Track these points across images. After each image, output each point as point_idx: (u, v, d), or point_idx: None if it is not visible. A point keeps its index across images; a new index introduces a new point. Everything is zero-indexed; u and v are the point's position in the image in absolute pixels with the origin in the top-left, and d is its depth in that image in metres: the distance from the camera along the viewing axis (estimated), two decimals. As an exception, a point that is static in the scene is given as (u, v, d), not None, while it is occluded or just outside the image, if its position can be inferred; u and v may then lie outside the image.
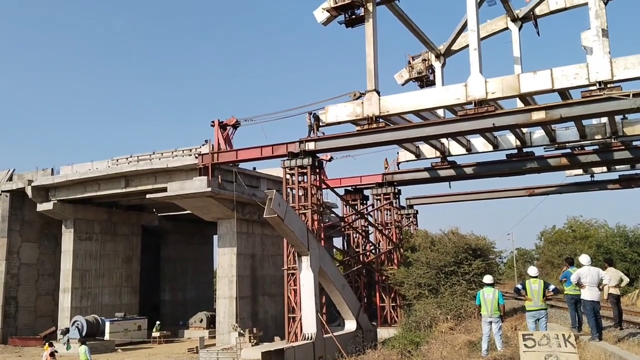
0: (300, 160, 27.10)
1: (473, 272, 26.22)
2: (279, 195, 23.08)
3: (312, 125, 27.51)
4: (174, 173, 34.53)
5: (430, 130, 25.19)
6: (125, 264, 43.96)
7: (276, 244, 37.08)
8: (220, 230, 35.51)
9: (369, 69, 25.16)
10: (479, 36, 23.47)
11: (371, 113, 24.67)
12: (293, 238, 24.18)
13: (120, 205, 43.44)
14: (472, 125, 23.75)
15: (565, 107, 22.31)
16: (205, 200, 32.50)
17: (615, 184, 37.66)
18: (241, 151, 30.58)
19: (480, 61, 22.92)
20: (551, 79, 21.49)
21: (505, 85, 22.26)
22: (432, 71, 33.00)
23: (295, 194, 27.32)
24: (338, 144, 27.18)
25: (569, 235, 57.16)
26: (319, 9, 26.20)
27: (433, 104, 24.15)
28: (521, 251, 74.93)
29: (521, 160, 32.18)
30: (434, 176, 34.66)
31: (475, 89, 22.60)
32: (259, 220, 33.21)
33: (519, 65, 29.44)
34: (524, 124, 23.81)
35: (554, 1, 30.02)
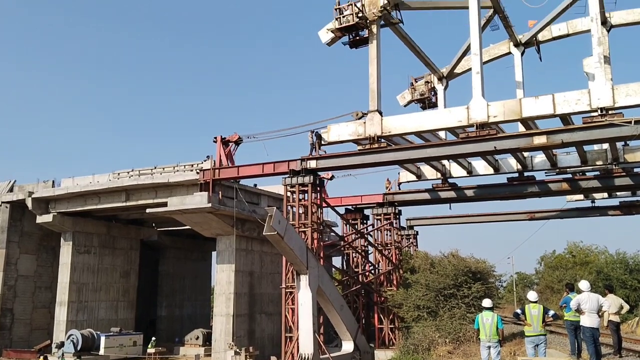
0: (302, 178, 27.16)
1: (472, 296, 26.11)
2: (279, 213, 23.07)
3: (314, 144, 27.64)
4: (174, 188, 34.52)
5: (431, 152, 25.27)
6: (123, 278, 43.73)
7: (275, 262, 36.93)
8: (219, 247, 35.39)
9: (371, 90, 25.33)
10: (482, 60, 23.65)
11: (373, 133, 24.78)
12: (292, 256, 24.11)
13: (120, 219, 43.36)
14: (474, 148, 23.84)
15: (567, 132, 22.41)
16: (205, 216, 32.45)
17: (616, 210, 37.64)
18: (243, 167, 30.62)
19: (483, 84, 23.07)
20: (553, 104, 21.62)
21: (507, 109, 22.39)
22: (435, 93, 33.23)
23: (296, 211, 27.32)
24: (339, 163, 27.25)
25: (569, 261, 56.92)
26: (324, 29, 26.47)
27: (435, 125, 24.26)
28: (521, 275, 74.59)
29: (522, 184, 32.21)
30: (435, 197, 34.66)
31: (477, 112, 22.72)
32: (259, 237, 33.11)
33: (521, 90, 29.63)
34: (525, 148, 23.90)
35: (557, 27, 30.35)
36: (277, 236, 22.61)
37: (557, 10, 27.89)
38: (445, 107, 31.29)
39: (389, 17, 25.91)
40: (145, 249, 48.10)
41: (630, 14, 28.49)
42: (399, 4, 26.01)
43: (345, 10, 25.51)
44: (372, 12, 25.45)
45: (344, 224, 37.21)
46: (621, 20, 28.31)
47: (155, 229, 46.94)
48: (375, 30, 25.57)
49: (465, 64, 31.44)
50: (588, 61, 25.82)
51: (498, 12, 27.45)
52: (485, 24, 27.89)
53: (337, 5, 25.64)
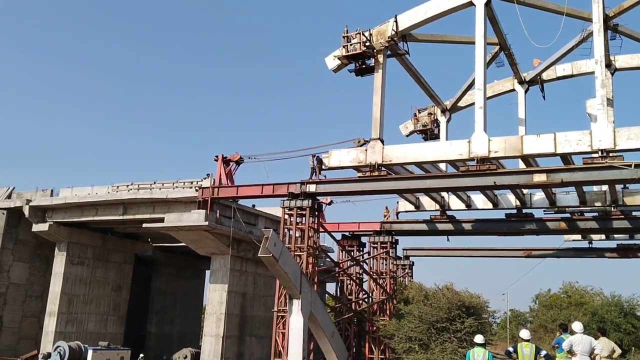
0: (300, 201, 27.14)
1: (465, 330, 25.88)
2: (275, 235, 23.00)
3: (315, 168, 27.69)
4: (172, 204, 34.50)
5: (431, 183, 25.31)
6: (115, 292, 43.40)
7: (268, 285, 36.70)
8: (213, 266, 35.22)
9: (374, 118, 25.49)
10: (485, 95, 23.86)
11: (374, 161, 24.86)
12: (286, 280, 23.96)
13: (115, 232, 43.21)
14: (473, 182, 23.88)
15: (567, 171, 22.48)
16: (201, 234, 32.38)
17: (613, 253, 37.51)
18: (242, 188, 30.63)
19: (485, 119, 23.23)
20: (554, 143, 21.73)
21: (508, 145, 22.50)
22: (437, 125, 33.42)
23: (293, 235, 27.22)
24: (339, 189, 27.28)
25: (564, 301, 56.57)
26: (331, 56, 26.75)
27: (436, 157, 24.35)
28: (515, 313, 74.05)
29: (520, 221, 32.16)
30: (432, 229, 34.59)
31: (479, 147, 22.83)
32: (254, 258, 32.97)
33: (523, 127, 29.85)
34: (525, 184, 23.94)
35: (562, 68, 30.70)
36: (272, 258, 22.50)
37: (563, 51, 28.23)
38: (447, 140, 31.46)
39: (395, 48, 26.20)
40: (139, 264, 47.79)
41: (635, 58, 28.87)
42: (407, 35, 26.33)
43: (352, 39, 25.81)
44: (379, 42, 25.75)
45: (340, 250, 37.07)
46: (625, 64, 28.67)
47: (151, 244, 46.74)
48: (381, 59, 25.84)
49: (468, 98, 31.70)
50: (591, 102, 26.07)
51: (504, 49, 27.77)
52: (490, 60, 28.20)
53: (345, 33, 25.95)
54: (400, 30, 25.71)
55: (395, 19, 25.71)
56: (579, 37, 26.50)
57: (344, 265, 35.89)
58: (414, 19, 25.65)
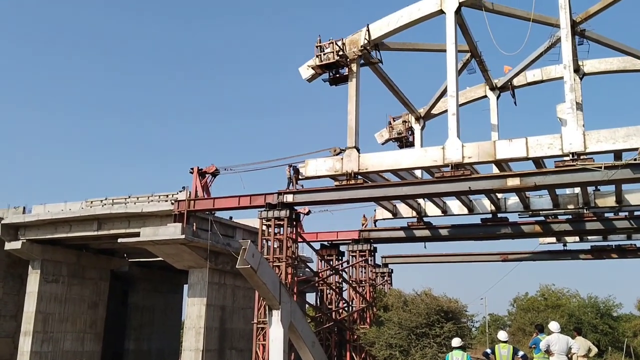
0: (278, 211, 27.12)
1: (444, 335, 26.05)
2: (253, 246, 22.93)
3: (292, 178, 27.72)
4: (148, 218, 34.16)
5: (407, 190, 25.52)
6: (91, 309, 42.70)
7: (248, 297, 36.48)
8: (191, 280, 34.90)
9: (350, 127, 25.65)
10: (458, 102, 24.17)
11: (350, 169, 24.99)
12: (265, 290, 23.88)
13: (90, 248, 42.57)
14: (449, 188, 24.14)
15: (540, 175, 22.87)
16: (178, 248, 32.09)
17: (587, 254, 38.09)
18: (219, 200, 30.49)
19: (458, 126, 23.52)
20: (526, 147, 22.09)
21: (482, 151, 22.81)
22: (412, 133, 33.72)
23: (271, 245, 27.17)
24: (316, 198, 27.32)
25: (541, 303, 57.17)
26: (305, 65, 26.89)
27: (411, 164, 24.59)
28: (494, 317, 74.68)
29: (495, 225, 32.57)
30: (410, 236, 34.81)
31: (452, 153, 23.11)
32: (232, 270, 32.76)
33: (495, 132, 30.29)
34: (499, 189, 24.28)
35: (532, 73, 31.29)
36: (250, 270, 22.42)
37: (532, 57, 28.78)
38: (421, 147, 31.77)
39: (368, 57, 26.45)
40: (115, 280, 47.14)
41: (602, 62, 29.56)
42: (379, 44, 26.62)
43: (326, 48, 25.99)
44: (352, 51, 25.97)
45: (319, 260, 37.05)
46: (593, 68, 29.34)
47: (127, 260, 46.14)
48: (355, 68, 26.06)
49: (442, 105, 32.09)
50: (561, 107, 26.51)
51: (475, 57, 28.24)
52: (462, 67, 28.62)
53: (319, 42, 26.12)
54: (373, 39, 25.99)
55: (367, 28, 25.99)
56: (547, 43, 27.07)
57: (323, 274, 35.87)
58: (385, 28, 25.94)
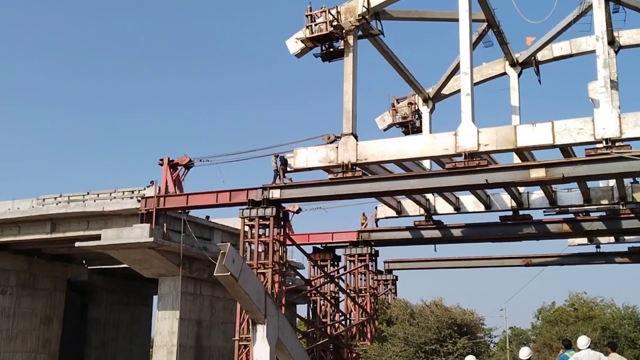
0: (263, 209, 27.08)
1: (458, 352, 26.16)
2: (233, 250, 22.89)
3: (278, 170, 27.67)
4: (110, 218, 34.09)
5: (413, 184, 25.54)
6: (44, 325, 42.62)
7: (228, 309, 36.49)
8: (161, 290, 34.90)
9: (346, 109, 25.61)
10: (473, 80, 24.20)
11: (347, 160, 24.97)
12: (248, 302, 23.86)
13: (43, 253, 42.46)
14: (462, 181, 24.18)
15: (569, 165, 22.90)
16: (146, 252, 32.06)
17: (624, 257, 38.26)
18: (193, 196, 30.41)
19: (473, 108, 23.53)
20: (552, 133, 22.15)
21: (501, 137, 22.84)
22: (419, 116, 33.74)
23: (254, 249, 27.15)
24: (307, 193, 27.30)
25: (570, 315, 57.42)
26: (292, 38, 26.79)
27: (418, 153, 24.60)
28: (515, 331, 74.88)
29: (517, 224, 32.67)
30: (417, 237, 34.89)
31: (466, 140, 23.13)
32: (209, 279, 32.73)
33: (517, 116, 30.32)
34: (521, 182, 24.33)
35: (559, 46, 31.29)
36: (230, 278, 22.37)
37: (559, 27, 28.77)
38: (430, 133, 31.76)
39: (367, 28, 26.38)
40: (72, 291, 47.06)
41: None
42: (380, 12, 26.52)
43: (317, 18, 25.87)
44: (348, 21, 25.88)
45: (311, 266, 37.07)
46: (631, 40, 29.32)
47: (86, 267, 46.02)
48: (351, 41, 25.97)
49: (454, 84, 32.07)
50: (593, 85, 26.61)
51: (492, 27, 28.20)
52: (477, 40, 28.60)
53: (309, 11, 25.97)
54: (372, 6, 25.89)
55: (366, -7, 25.91)
56: (577, 11, 27.06)
57: (316, 282, 35.90)
58: (387, -7, 25.88)
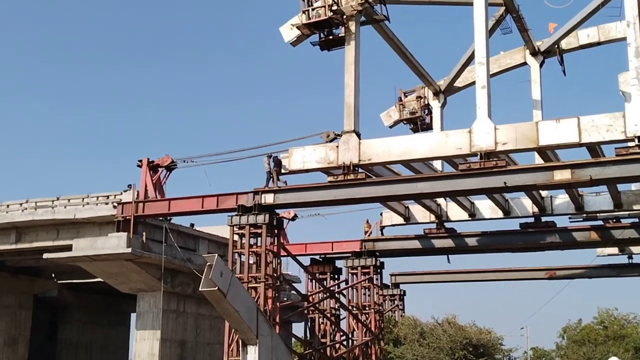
0: (254, 216, 27.05)
1: (473, 376, 26.18)
2: (221, 262, 22.89)
3: (272, 172, 27.62)
4: (83, 227, 34.03)
5: (423, 187, 25.53)
6: (8, 346, 42.50)
7: (215, 328, 36.43)
8: (140, 307, 34.82)
9: (347, 104, 25.61)
10: (489, 71, 24.21)
11: (348, 160, 24.96)
12: (237, 320, 23.87)
13: (7, 266, 42.37)
14: (477, 184, 24.16)
15: (597, 166, 22.89)
16: (123, 265, 31.99)
17: (660, 269, 38.37)
18: (176, 201, 30.37)
19: (490, 102, 23.55)
20: (578, 130, 22.17)
21: (520, 135, 22.84)
22: (429, 112, 33.76)
23: (245, 261, 27.13)
24: (304, 198, 27.28)
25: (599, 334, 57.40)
26: (287, 24, 26.81)
27: (428, 153, 24.60)
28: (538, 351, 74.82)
29: (539, 232, 32.66)
30: (427, 247, 34.86)
31: (482, 138, 23.13)
32: (194, 294, 32.68)
33: (538, 111, 30.36)
34: (543, 185, 24.28)
35: (585, 33, 31.32)
36: (218, 293, 22.38)
37: (586, 12, 28.79)
38: (442, 130, 31.79)
39: (371, 12, 26.40)
40: (40, 309, 46.91)
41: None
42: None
43: (315, 1, 25.90)
44: (349, 5, 25.90)
45: (309, 279, 37.04)
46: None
47: (55, 282, 45.92)
48: (353, 28, 25.98)
49: (468, 75, 32.10)
50: (624, 77, 26.59)
51: (511, 12, 28.25)
52: (494, 26, 28.64)
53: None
54: (377, -12, 25.98)
55: (369, -26, 25.93)
56: (605, -7, 27.09)
57: (314, 298, 35.86)
58: (393, -26, 25.97)
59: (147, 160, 31.70)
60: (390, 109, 35.04)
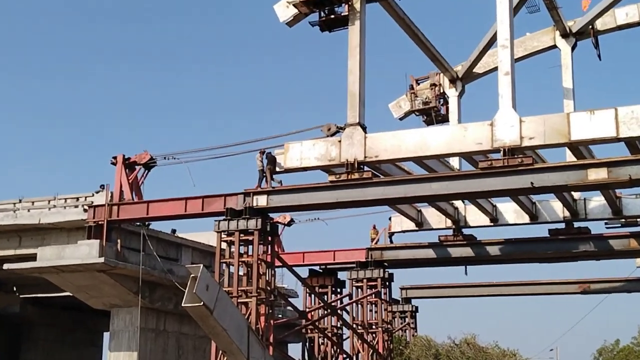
0: (245, 221, 27.06)
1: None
2: (207, 274, 22.89)
3: (265, 170, 27.61)
4: (49, 233, 34.04)
5: (438, 188, 25.49)
6: (-37, 370, 42.53)
7: (200, 350, 36.42)
8: (114, 324, 34.81)
9: (351, 93, 25.59)
10: (513, 55, 24.18)
11: (352, 157, 24.95)
12: (226, 341, 23.88)
13: (-39, 279, 42.46)
14: (500, 184, 24.12)
15: (637, 164, 22.85)
16: (94, 277, 31.97)
17: None
18: (155, 204, 30.35)
19: (514, 91, 23.55)
20: (616, 123, 22.13)
21: (549, 128, 22.80)
22: (445, 101, 33.75)
23: (234, 272, 27.14)
24: (302, 200, 27.24)
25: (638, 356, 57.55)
26: (283, 2, 26.75)
27: (444, 148, 24.57)
28: (569, 376, 74.94)
29: (571, 240, 32.65)
30: (443, 256, 34.88)
31: (506, 131, 23.12)
32: (176, 311, 32.68)
33: (570, 100, 30.35)
34: (576, 185, 24.21)
35: (623, 12, 31.28)
36: (203, 309, 22.38)
37: (624, -13, 28.82)
38: (459, 122, 31.77)
39: (378, -12, 26.44)
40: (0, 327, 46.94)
41: None
42: (394, -32, 26.62)
43: (314, -25, 25.90)
44: (353, -21, 25.94)
45: (307, 294, 37.09)
46: None
47: (17, 296, 45.99)
48: (358, 6, 25.96)
49: (489, 60, 32.11)
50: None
51: (538, -13, 28.26)
52: (519, 4, 28.64)
53: (303, -33, 26.02)
54: (385, -39, 26.01)
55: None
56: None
57: (313, 315, 35.88)
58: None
59: (123, 157, 31.68)
60: (400, 98, 35.02)
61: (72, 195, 34.45)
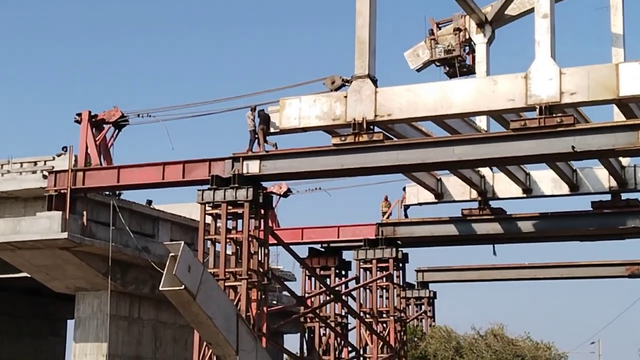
0: (233, 191, 27.07)
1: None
2: (189, 253, 22.97)
3: (257, 131, 27.57)
4: (2, 203, 34.12)
5: (462, 152, 25.50)
6: None
7: (181, 340, 36.67)
8: (80, 311, 34.97)
9: (359, 39, 25.49)
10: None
11: (361, 115, 24.92)
12: (211, 331, 24.01)
13: None
14: (535, 148, 24.12)
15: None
16: (56, 255, 32.07)
17: None
18: (128, 170, 30.36)
19: (553, 38, 23.45)
20: (673, 75, 22.10)
21: (594, 82, 22.74)
22: (471, 50, 33.56)
23: (221, 251, 27.21)
24: (301, 167, 27.27)
25: (695, 350, 57.93)
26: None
27: (469, 106, 24.58)
28: (614, 373, 75.49)
29: (618, 214, 32.67)
30: (467, 233, 34.94)
31: (543, 86, 23.06)
32: (153, 296, 32.88)
33: (619, 49, 30.22)
34: (625, 149, 24.20)
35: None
36: (184, 294, 22.47)
37: None
38: (487, 75, 31.66)
39: None
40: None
41: None
42: None
43: None
44: None
45: (307, 276, 37.22)
46: None
47: (-34, 278, 46.26)
48: None
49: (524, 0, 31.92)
50: None
51: None
52: None
53: None
54: None
55: None
56: None
57: (313, 301, 36.01)
58: None
59: (89, 114, 31.58)
60: (418, 45, 34.78)
61: (29, 159, 34.42)
